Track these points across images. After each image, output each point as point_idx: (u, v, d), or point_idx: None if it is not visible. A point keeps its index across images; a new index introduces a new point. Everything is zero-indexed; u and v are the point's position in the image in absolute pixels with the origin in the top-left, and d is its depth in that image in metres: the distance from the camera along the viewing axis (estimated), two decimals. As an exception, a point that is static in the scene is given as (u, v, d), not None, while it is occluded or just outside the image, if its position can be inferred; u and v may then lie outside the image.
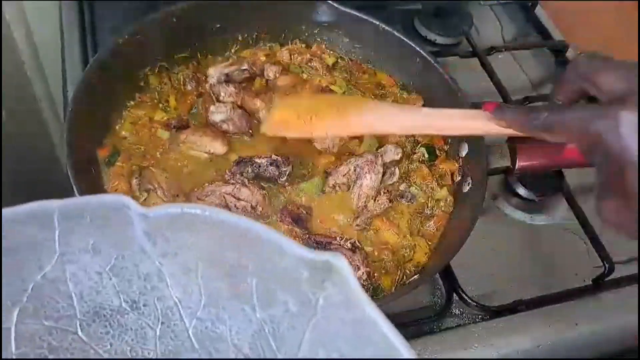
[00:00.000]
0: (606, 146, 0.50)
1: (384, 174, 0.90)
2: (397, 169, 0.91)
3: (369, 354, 0.43)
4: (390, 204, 0.88)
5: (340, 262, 0.43)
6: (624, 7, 1.30)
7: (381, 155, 0.90)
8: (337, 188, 0.88)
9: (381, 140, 0.95)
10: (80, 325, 0.49)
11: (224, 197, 0.83)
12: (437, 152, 0.96)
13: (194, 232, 0.47)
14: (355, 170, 0.88)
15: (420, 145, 0.96)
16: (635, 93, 0.50)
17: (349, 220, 0.87)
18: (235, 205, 0.83)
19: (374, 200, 0.87)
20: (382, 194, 0.88)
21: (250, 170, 0.86)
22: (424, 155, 0.95)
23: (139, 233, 0.47)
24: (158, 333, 0.51)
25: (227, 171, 0.87)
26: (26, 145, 1.27)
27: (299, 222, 0.84)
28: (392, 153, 0.93)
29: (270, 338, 0.48)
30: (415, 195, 0.90)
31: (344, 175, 0.88)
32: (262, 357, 0.49)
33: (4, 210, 0.44)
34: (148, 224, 0.46)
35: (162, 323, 0.51)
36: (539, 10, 1.39)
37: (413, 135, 0.97)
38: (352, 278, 0.43)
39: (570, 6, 1.40)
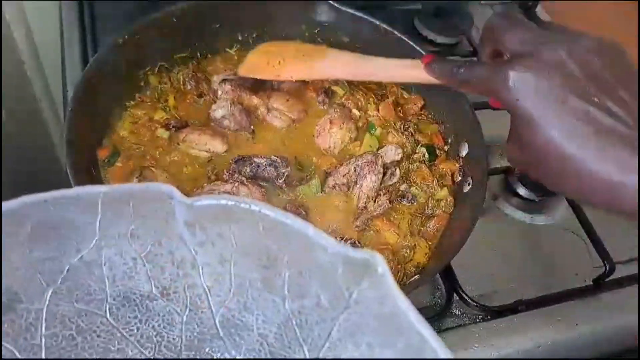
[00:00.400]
0: (501, 100, 0.57)
1: (384, 174, 0.90)
2: (397, 169, 0.91)
3: (400, 345, 0.44)
4: (390, 205, 0.88)
5: (378, 260, 0.44)
6: (624, 7, 1.30)
7: (381, 156, 0.90)
8: (337, 188, 0.88)
9: (382, 141, 0.95)
10: (109, 309, 0.51)
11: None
12: (438, 152, 0.96)
13: (233, 224, 0.48)
14: (355, 171, 0.88)
15: (420, 145, 0.96)
16: (528, 54, 0.55)
17: (350, 220, 0.86)
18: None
19: (374, 201, 0.87)
20: (382, 194, 0.88)
21: (248, 169, 0.86)
22: (424, 155, 0.95)
23: (179, 222, 0.48)
24: (185, 319, 0.52)
25: (225, 170, 0.87)
26: (26, 145, 1.27)
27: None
28: (392, 153, 0.93)
29: (297, 329, 0.49)
30: (415, 195, 0.90)
31: (344, 176, 0.88)
32: (286, 346, 0.50)
33: (51, 193, 0.46)
34: (190, 214, 0.47)
35: (190, 310, 0.52)
36: (540, 10, 1.40)
37: (413, 135, 0.97)
38: (389, 276, 0.44)
39: (570, 6, 1.40)
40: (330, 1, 1.02)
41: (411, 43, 1.00)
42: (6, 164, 1.07)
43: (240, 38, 1.04)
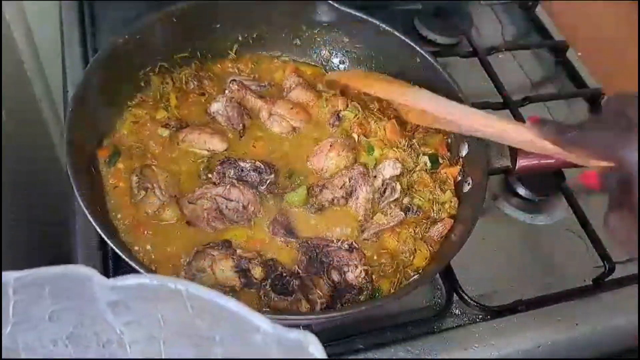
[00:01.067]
0: (622, 165, 0.56)
1: (384, 190, 0.89)
2: (397, 184, 0.90)
3: None
4: (404, 216, 0.87)
5: (310, 340, 0.43)
6: (624, 7, 1.30)
7: (380, 172, 0.90)
8: (336, 202, 0.88)
9: (381, 159, 0.94)
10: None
11: (214, 199, 0.83)
12: (440, 159, 0.96)
13: (160, 303, 0.46)
14: (350, 182, 0.88)
15: (423, 154, 0.95)
16: None
17: (355, 233, 0.86)
18: (226, 207, 0.83)
19: (384, 214, 0.87)
20: (392, 207, 0.88)
21: (232, 172, 0.86)
22: (426, 164, 0.95)
23: (101, 303, 0.46)
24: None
25: (214, 172, 0.87)
26: (26, 145, 1.27)
27: (291, 230, 0.84)
28: (390, 168, 0.92)
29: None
30: (420, 206, 0.90)
31: (340, 188, 0.88)
32: None
33: None
34: (112, 295, 0.46)
35: None
36: (539, 10, 1.39)
37: (416, 150, 0.96)
38: (322, 356, 0.43)
39: (570, 6, 1.40)
40: (330, 1, 1.02)
41: (411, 43, 1.00)
42: (6, 164, 1.07)
43: (240, 38, 1.04)
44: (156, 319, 0.47)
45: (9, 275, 0.44)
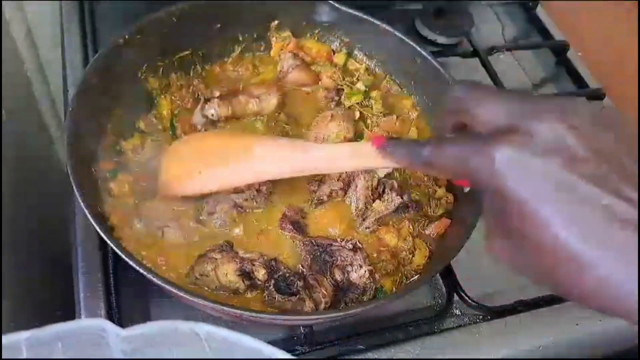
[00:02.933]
0: (483, 184, 0.46)
1: (383, 192, 0.88)
2: (393, 181, 0.90)
3: None
4: (401, 200, 0.87)
5: None
6: (624, 7, 1.30)
7: (375, 172, 0.90)
8: (334, 194, 0.88)
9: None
10: None
11: (230, 198, 0.83)
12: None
13: (175, 346, 0.45)
14: (347, 174, 0.88)
15: None
16: (514, 129, 0.45)
17: (355, 224, 0.86)
18: (244, 199, 0.83)
19: (381, 199, 0.87)
20: (389, 192, 0.88)
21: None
22: None
23: (115, 352, 0.45)
24: None
25: None
26: (26, 145, 1.27)
27: (299, 227, 0.84)
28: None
29: None
30: (419, 201, 0.90)
31: (338, 180, 0.88)
32: None
33: None
34: (125, 344, 0.45)
35: None
36: (540, 10, 1.40)
37: None
38: None
39: (571, 6, 1.40)
40: (331, 1, 1.02)
41: (412, 43, 1.00)
42: (6, 164, 1.07)
43: (240, 38, 1.04)
44: None
45: (19, 336, 0.43)
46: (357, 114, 0.98)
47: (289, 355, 0.43)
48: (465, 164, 0.47)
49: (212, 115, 0.92)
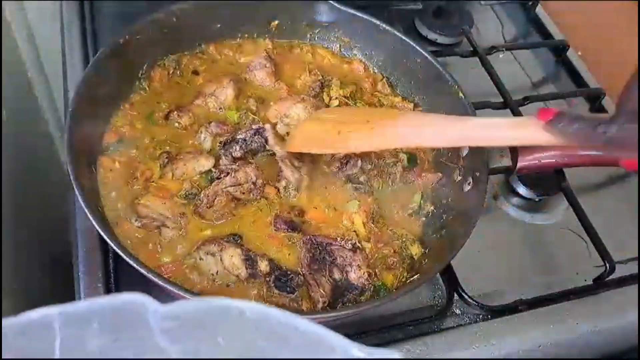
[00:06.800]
0: None
1: (347, 162, 0.90)
2: (359, 160, 0.91)
3: None
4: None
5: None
6: (624, 7, 1.30)
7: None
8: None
9: None
10: None
11: (227, 191, 0.84)
12: (418, 161, 0.97)
13: (219, 325, 0.42)
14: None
15: (402, 152, 0.96)
16: None
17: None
18: (241, 192, 0.84)
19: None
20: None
21: (238, 147, 0.88)
22: (403, 161, 0.95)
23: (156, 331, 0.42)
24: None
25: (222, 159, 0.87)
26: (26, 145, 1.27)
27: (294, 227, 0.84)
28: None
29: None
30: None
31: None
32: None
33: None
34: (167, 322, 0.41)
35: None
36: (540, 10, 1.40)
37: None
38: None
39: (570, 6, 1.40)
40: (331, 1, 1.02)
41: (412, 43, 1.00)
42: (6, 164, 1.07)
43: (240, 38, 1.04)
44: (216, 343, 0.43)
45: (53, 310, 0.40)
46: (336, 103, 0.99)
47: (348, 341, 0.39)
48: None
49: (178, 126, 0.92)
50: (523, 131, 0.64)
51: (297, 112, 0.93)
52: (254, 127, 0.89)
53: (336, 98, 0.99)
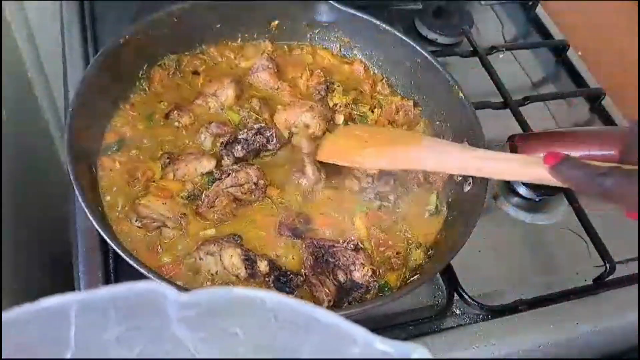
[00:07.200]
0: None
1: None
2: (392, 179, 0.91)
3: None
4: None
5: (421, 352, 0.38)
6: (624, 7, 1.30)
7: None
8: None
9: None
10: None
11: (229, 192, 0.84)
12: None
13: (237, 315, 0.41)
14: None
15: None
16: None
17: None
18: (242, 192, 0.84)
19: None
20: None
21: (239, 147, 0.88)
22: None
23: (173, 320, 0.41)
24: None
25: (224, 158, 0.88)
26: (26, 145, 1.27)
27: (297, 232, 0.84)
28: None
29: None
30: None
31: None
32: None
33: (14, 311, 0.38)
34: (184, 310, 0.41)
35: None
36: (540, 10, 1.40)
37: None
38: None
39: (570, 6, 1.40)
40: (331, 1, 1.02)
41: (412, 43, 1.00)
42: (6, 164, 1.07)
43: (240, 38, 1.05)
44: (234, 333, 0.42)
45: (70, 298, 0.39)
46: (341, 118, 0.97)
47: (371, 334, 0.39)
48: None
49: (178, 125, 0.92)
50: (533, 170, 0.68)
51: (306, 122, 0.93)
52: (255, 126, 0.89)
53: (340, 107, 0.99)
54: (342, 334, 0.38)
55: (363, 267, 0.80)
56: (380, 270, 0.83)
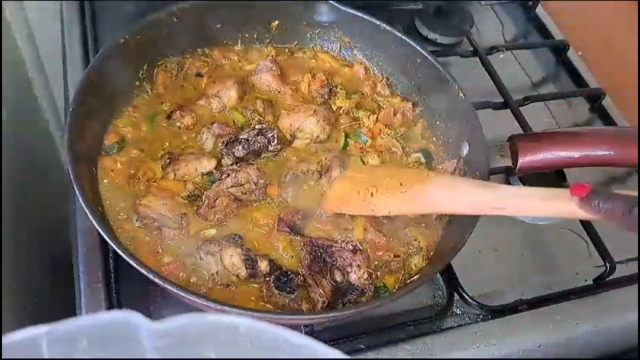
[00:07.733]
0: None
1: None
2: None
3: None
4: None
5: None
6: (624, 7, 1.30)
7: None
8: (310, 174, 0.89)
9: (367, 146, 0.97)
10: None
11: (229, 192, 0.84)
12: (434, 155, 0.98)
13: (212, 341, 0.41)
14: (326, 161, 0.90)
15: (415, 152, 0.97)
16: None
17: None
18: (242, 192, 0.84)
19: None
20: None
21: (240, 147, 0.88)
22: (419, 159, 0.97)
23: (148, 350, 0.41)
24: None
25: (224, 158, 0.88)
26: (26, 145, 1.27)
27: (295, 229, 0.84)
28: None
29: None
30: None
31: (317, 163, 0.90)
32: None
33: None
34: (159, 339, 0.40)
35: None
36: (540, 10, 1.40)
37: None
38: None
39: (570, 6, 1.40)
40: (331, 1, 1.02)
41: (412, 43, 1.00)
42: (6, 164, 1.07)
43: (240, 38, 1.05)
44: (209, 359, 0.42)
45: (39, 330, 0.38)
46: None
47: (343, 355, 0.39)
48: None
49: (180, 126, 0.92)
50: (556, 204, 0.63)
51: (310, 127, 0.93)
52: (257, 127, 0.89)
53: (344, 111, 0.99)
54: (317, 356, 0.39)
55: (359, 269, 0.80)
56: (378, 273, 0.82)
